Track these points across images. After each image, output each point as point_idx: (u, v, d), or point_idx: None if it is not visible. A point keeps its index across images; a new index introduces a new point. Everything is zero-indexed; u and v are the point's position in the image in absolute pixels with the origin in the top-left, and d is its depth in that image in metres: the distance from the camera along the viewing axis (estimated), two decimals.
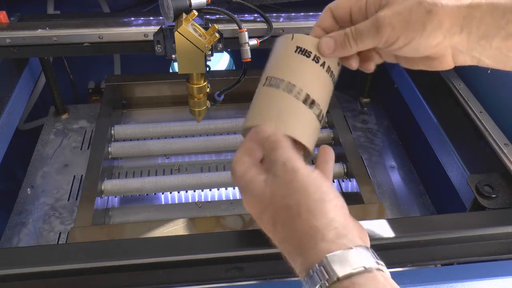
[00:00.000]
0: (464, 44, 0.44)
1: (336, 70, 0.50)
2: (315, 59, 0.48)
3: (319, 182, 0.41)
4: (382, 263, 0.37)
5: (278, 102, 0.47)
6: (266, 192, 0.42)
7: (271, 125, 0.45)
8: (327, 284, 0.35)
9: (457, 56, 0.46)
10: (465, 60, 0.46)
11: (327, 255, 0.36)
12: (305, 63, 0.48)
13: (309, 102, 0.47)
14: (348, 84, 1.11)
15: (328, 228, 0.38)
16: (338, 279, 0.35)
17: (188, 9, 0.66)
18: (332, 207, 0.40)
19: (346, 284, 0.35)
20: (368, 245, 0.39)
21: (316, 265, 0.36)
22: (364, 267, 0.36)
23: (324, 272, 0.36)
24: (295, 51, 0.48)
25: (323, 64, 0.48)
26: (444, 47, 0.45)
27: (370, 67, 0.52)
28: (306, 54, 0.48)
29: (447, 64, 0.47)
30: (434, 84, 0.86)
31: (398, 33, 0.43)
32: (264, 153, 0.44)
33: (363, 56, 0.51)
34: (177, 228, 0.71)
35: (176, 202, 0.87)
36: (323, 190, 0.41)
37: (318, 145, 0.48)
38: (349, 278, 0.35)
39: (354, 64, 0.50)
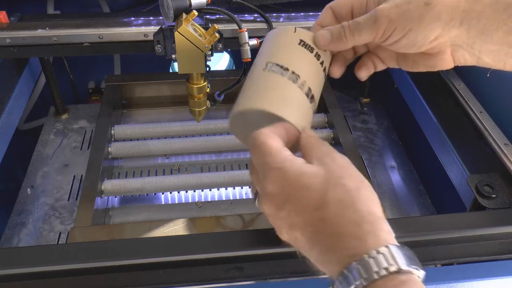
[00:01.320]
0: (464, 39, 0.44)
1: (327, 71, 0.51)
2: (316, 56, 0.48)
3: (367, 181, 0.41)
4: None
5: (283, 90, 0.46)
6: (318, 171, 0.39)
7: (279, 111, 0.44)
8: (384, 273, 0.35)
9: (456, 52, 0.45)
10: (465, 57, 0.46)
11: (389, 245, 0.36)
12: (309, 58, 0.48)
13: (310, 96, 0.47)
14: (348, 84, 1.11)
15: (384, 220, 0.38)
16: (399, 271, 0.35)
17: (188, 9, 0.66)
18: (379, 203, 0.40)
19: (403, 278, 0.35)
20: None
21: (374, 251, 0.35)
22: (418, 268, 0.36)
23: (383, 260, 0.35)
24: (299, 44, 0.48)
25: (322, 63, 0.49)
26: (443, 42, 0.44)
27: (362, 75, 0.52)
28: (309, 49, 0.48)
29: (447, 62, 0.47)
30: (434, 84, 0.86)
31: (396, 23, 0.43)
32: (307, 146, 0.43)
33: (361, 62, 0.51)
34: (177, 228, 0.71)
35: (176, 202, 0.87)
36: (371, 187, 0.41)
37: None
38: (408, 273, 0.35)
39: (348, 55, 0.51)
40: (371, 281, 0.35)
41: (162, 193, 0.87)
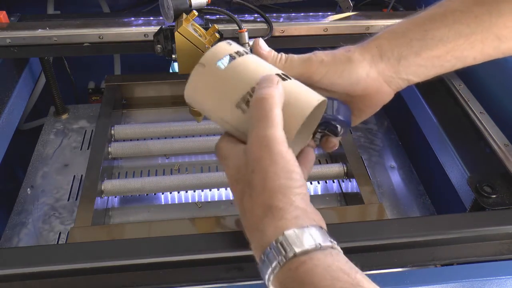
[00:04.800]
0: (390, 69, 0.51)
1: None
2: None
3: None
4: (334, 241, 0.39)
5: None
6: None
7: None
8: (284, 260, 0.37)
9: (391, 82, 0.52)
10: (399, 84, 0.53)
11: (285, 231, 0.38)
12: None
13: None
14: None
15: (288, 209, 0.40)
16: (295, 255, 0.37)
17: (188, 9, 0.66)
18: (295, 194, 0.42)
19: (303, 259, 0.37)
20: (324, 226, 0.41)
21: (274, 241, 0.38)
22: (319, 244, 0.38)
23: (281, 248, 0.38)
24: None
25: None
26: (376, 77, 0.51)
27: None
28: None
29: (388, 94, 0.53)
30: (434, 84, 0.86)
31: (327, 66, 0.50)
32: None
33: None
34: (177, 228, 0.71)
35: (176, 202, 0.87)
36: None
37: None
38: (306, 254, 0.37)
39: None
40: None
41: (162, 193, 0.87)
